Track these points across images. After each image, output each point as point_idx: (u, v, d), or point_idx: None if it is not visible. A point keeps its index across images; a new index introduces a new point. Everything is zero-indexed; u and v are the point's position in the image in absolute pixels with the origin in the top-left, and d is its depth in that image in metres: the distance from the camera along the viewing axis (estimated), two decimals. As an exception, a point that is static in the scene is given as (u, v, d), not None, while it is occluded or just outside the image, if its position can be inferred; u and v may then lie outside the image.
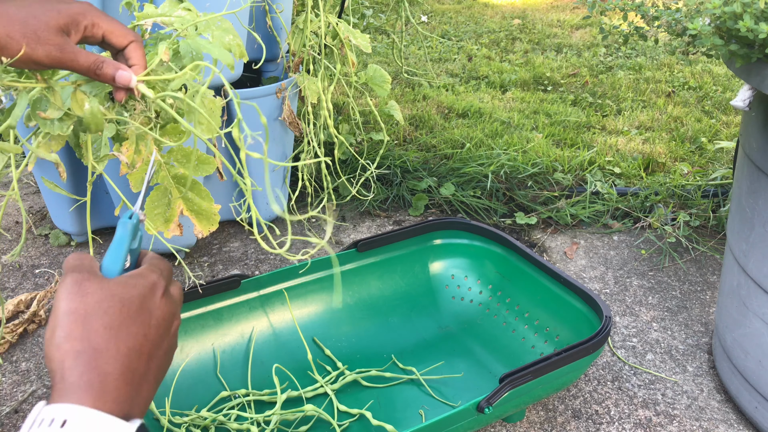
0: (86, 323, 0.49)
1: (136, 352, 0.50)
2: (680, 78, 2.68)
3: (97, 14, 0.64)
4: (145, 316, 0.52)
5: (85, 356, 0.48)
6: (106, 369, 0.48)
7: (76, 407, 0.45)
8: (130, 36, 0.66)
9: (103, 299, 0.51)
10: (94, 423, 0.45)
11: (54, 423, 0.44)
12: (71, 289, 0.51)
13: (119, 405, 0.47)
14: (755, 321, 1.02)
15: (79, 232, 1.53)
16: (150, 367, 0.52)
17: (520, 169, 1.83)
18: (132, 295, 0.52)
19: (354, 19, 1.95)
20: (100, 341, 0.49)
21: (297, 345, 1.17)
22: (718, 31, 0.90)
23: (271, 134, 1.49)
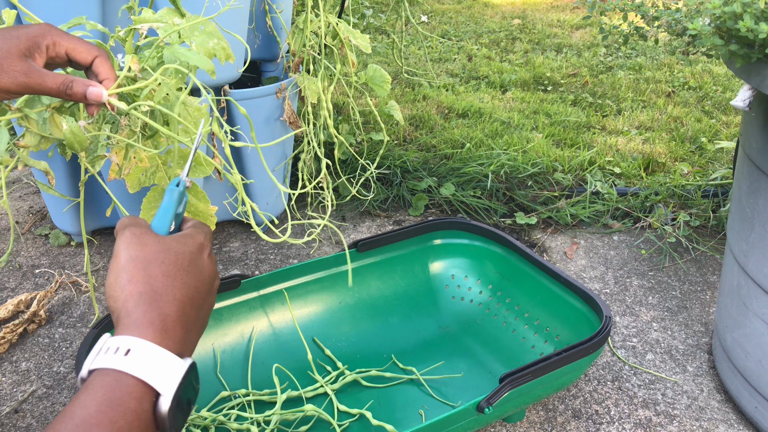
0: (147, 269, 0.54)
1: (189, 299, 0.55)
2: (680, 78, 2.68)
3: (57, 33, 0.64)
4: (195, 270, 0.57)
5: (147, 297, 0.53)
6: (165, 310, 0.53)
7: (139, 340, 0.50)
8: (94, 51, 0.66)
9: (161, 251, 0.56)
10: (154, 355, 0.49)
11: (119, 351, 0.49)
12: (132, 240, 0.56)
13: (175, 344, 0.52)
14: (755, 321, 1.02)
15: (79, 231, 1.53)
16: (199, 316, 0.57)
17: (520, 169, 1.83)
18: (184, 251, 0.58)
19: (354, 19, 1.95)
20: (159, 286, 0.54)
21: (297, 345, 1.17)
22: (718, 31, 0.90)
23: (271, 134, 1.49)
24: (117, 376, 0.48)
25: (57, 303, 1.38)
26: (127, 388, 0.48)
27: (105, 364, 0.49)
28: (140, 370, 0.48)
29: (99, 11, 1.19)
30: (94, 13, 1.18)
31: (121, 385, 0.48)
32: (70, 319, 1.33)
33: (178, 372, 0.50)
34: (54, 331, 1.30)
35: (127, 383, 0.48)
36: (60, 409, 1.12)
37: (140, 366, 0.48)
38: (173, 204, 0.64)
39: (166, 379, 0.49)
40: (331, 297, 1.24)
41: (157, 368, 0.49)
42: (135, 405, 0.47)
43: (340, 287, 1.25)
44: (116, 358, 0.49)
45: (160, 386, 0.49)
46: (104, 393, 0.47)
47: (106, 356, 0.49)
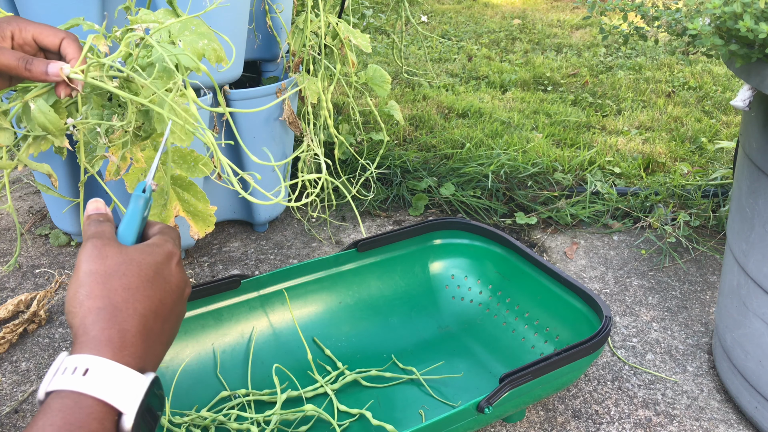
0: (106, 283, 0.53)
1: (152, 313, 0.54)
2: (680, 78, 2.68)
3: (23, 20, 0.64)
4: (160, 281, 0.56)
5: (106, 313, 0.51)
6: (125, 326, 0.51)
7: (97, 358, 0.48)
8: (61, 34, 0.65)
9: (122, 262, 0.54)
10: (113, 373, 0.48)
11: (77, 371, 0.47)
12: (92, 253, 0.55)
13: (135, 359, 0.51)
14: (755, 321, 1.02)
15: (79, 231, 1.53)
16: (164, 329, 0.55)
17: (520, 169, 1.83)
18: (149, 262, 0.56)
19: (354, 19, 1.95)
20: (119, 300, 0.52)
21: (297, 345, 1.17)
22: (718, 31, 0.90)
23: (271, 134, 1.49)
24: (76, 398, 0.46)
25: (57, 303, 1.38)
26: (87, 409, 0.46)
27: (63, 385, 0.47)
28: (100, 391, 0.47)
29: (99, 12, 1.19)
30: (94, 14, 1.18)
31: (81, 407, 0.46)
32: (70, 319, 1.33)
33: (140, 389, 0.49)
34: (54, 331, 1.30)
35: (86, 405, 0.46)
36: (60, 409, 1.12)
37: (100, 386, 0.47)
38: (140, 211, 0.61)
39: (128, 398, 0.48)
40: (331, 297, 1.24)
41: (118, 387, 0.48)
42: (96, 426, 0.46)
43: (340, 287, 1.25)
44: (74, 378, 0.47)
45: (121, 405, 0.47)
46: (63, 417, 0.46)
47: (63, 377, 0.48)
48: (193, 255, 1.55)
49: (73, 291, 0.53)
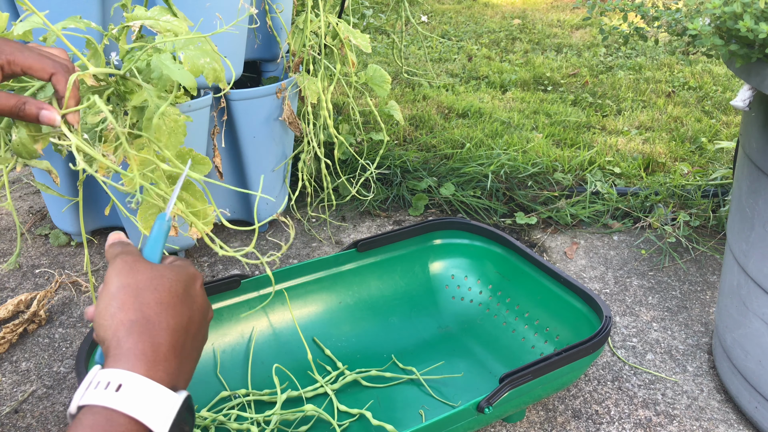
0: (139, 296, 0.52)
1: (183, 329, 0.53)
2: (680, 78, 2.68)
3: (12, 51, 0.62)
4: (189, 300, 0.56)
5: (139, 326, 0.51)
6: (158, 340, 0.51)
7: (130, 374, 0.48)
8: (49, 68, 0.64)
9: (154, 277, 0.54)
10: (147, 390, 0.47)
11: (110, 386, 0.47)
12: (123, 267, 0.55)
13: (169, 376, 0.50)
14: (755, 321, 1.02)
15: (79, 231, 1.53)
16: (193, 346, 0.55)
17: (520, 169, 1.83)
18: (179, 279, 0.56)
19: (354, 19, 1.95)
20: (151, 313, 0.52)
21: (297, 345, 1.17)
22: (718, 31, 0.90)
23: (271, 134, 1.49)
24: (108, 415, 0.46)
25: (57, 303, 1.38)
26: (119, 427, 0.46)
27: (95, 400, 0.47)
28: (132, 408, 0.46)
29: (98, 9, 1.19)
30: (94, 11, 1.18)
31: (113, 424, 0.46)
32: (70, 319, 1.33)
33: (173, 408, 0.48)
34: (54, 331, 1.30)
35: (118, 422, 0.46)
36: (60, 408, 1.12)
37: (132, 403, 0.46)
38: (164, 234, 0.62)
39: (160, 417, 0.47)
40: (331, 297, 1.24)
41: (150, 405, 0.47)
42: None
43: (340, 287, 1.25)
44: (107, 394, 0.47)
45: (153, 424, 0.47)
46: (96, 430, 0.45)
47: (96, 392, 0.47)
48: (193, 255, 1.55)
49: (105, 304, 0.52)
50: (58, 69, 0.64)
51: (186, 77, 0.74)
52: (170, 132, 0.78)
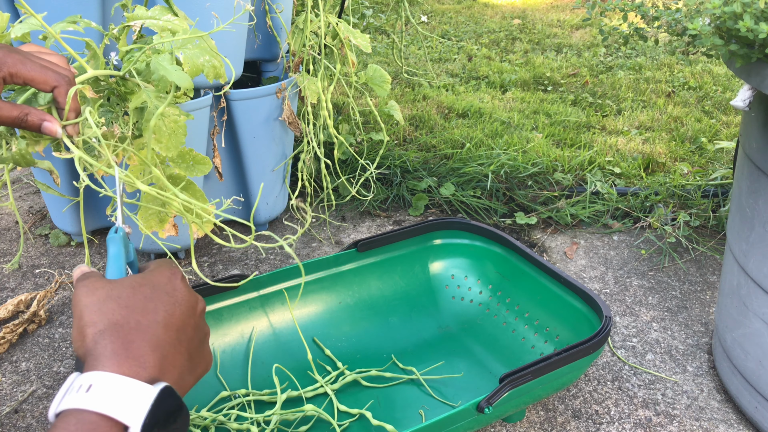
0: (102, 308, 0.53)
1: (159, 324, 0.53)
2: (680, 78, 2.68)
3: (14, 63, 0.62)
4: (163, 296, 0.56)
5: (108, 332, 0.51)
6: (129, 338, 0.51)
7: (100, 373, 0.48)
8: (52, 81, 0.64)
9: (113, 289, 0.55)
10: (116, 385, 0.47)
11: (81, 389, 0.47)
12: (83, 291, 0.55)
13: (146, 370, 0.50)
14: (755, 321, 1.02)
15: (79, 231, 1.53)
16: (180, 339, 0.54)
17: (520, 169, 1.83)
18: (143, 283, 0.56)
19: (354, 19, 1.95)
20: (118, 318, 0.52)
21: (297, 345, 1.17)
22: (718, 31, 0.90)
23: (271, 134, 1.49)
24: (78, 416, 0.45)
25: (57, 303, 1.38)
26: (90, 426, 0.45)
27: (68, 404, 0.47)
28: (101, 405, 0.46)
29: (98, 9, 1.19)
30: (94, 11, 1.18)
31: (83, 423, 0.45)
32: (70, 319, 1.33)
33: (146, 399, 0.47)
34: (54, 331, 1.30)
35: (89, 421, 0.45)
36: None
37: (101, 400, 0.46)
38: (121, 251, 0.62)
39: (131, 409, 0.46)
40: (331, 297, 1.24)
41: (121, 399, 0.46)
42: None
43: (340, 287, 1.25)
44: (78, 396, 0.46)
45: (124, 418, 0.46)
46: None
47: (69, 397, 0.47)
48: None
49: (76, 328, 0.53)
50: (60, 82, 0.65)
51: (182, 78, 0.74)
52: (171, 133, 0.78)
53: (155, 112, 0.75)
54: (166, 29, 0.80)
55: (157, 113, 0.74)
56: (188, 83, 0.75)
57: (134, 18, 0.80)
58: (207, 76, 0.80)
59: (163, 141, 0.78)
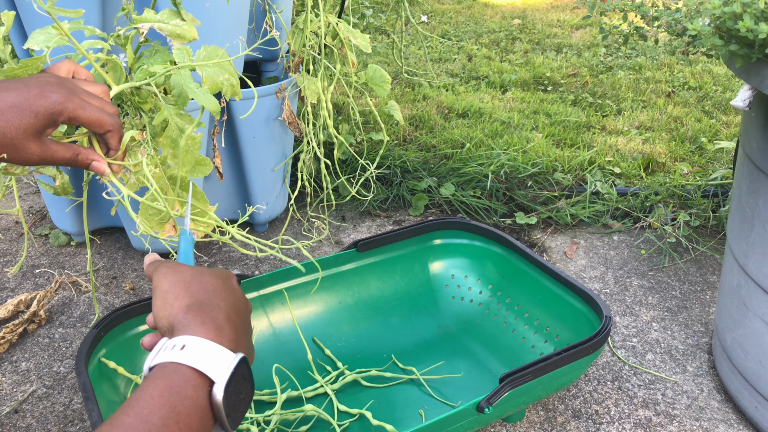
0: (188, 287, 0.60)
1: (232, 309, 0.60)
2: (680, 78, 2.68)
3: (74, 108, 0.65)
4: (229, 290, 0.62)
5: (194, 307, 0.57)
6: (213, 314, 0.58)
7: (193, 337, 0.54)
8: (107, 125, 0.69)
9: (196, 273, 0.62)
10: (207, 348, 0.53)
11: (175, 347, 0.53)
12: (168, 270, 0.62)
13: (229, 342, 0.56)
14: (755, 321, 1.02)
15: (79, 231, 1.53)
16: (244, 327, 0.61)
17: (520, 169, 1.83)
18: (216, 274, 0.63)
19: (354, 19, 1.95)
20: (202, 298, 0.59)
21: (297, 345, 1.17)
22: (718, 31, 0.90)
23: (271, 134, 1.49)
24: (174, 367, 0.52)
25: (57, 303, 1.38)
26: (184, 376, 0.51)
27: (163, 359, 0.53)
28: (195, 361, 0.52)
29: (99, 13, 1.19)
30: (94, 15, 1.18)
31: (179, 374, 0.51)
32: (70, 319, 1.33)
33: (230, 363, 0.53)
34: (54, 331, 1.30)
35: (183, 372, 0.51)
36: (60, 408, 1.12)
37: (194, 357, 0.52)
38: (190, 245, 0.70)
39: (219, 369, 0.52)
40: (331, 297, 1.24)
41: (210, 359, 0.53)
42: (192, 392, 0.51)
43: (340, 287, 1.25)
44: (173, 353, 0.53)
45: (213, 374, 0.52)
46: (164, 381, 0.51)
47: (164, 353, 0.53)
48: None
49: (161, 301, 0.59)
50: (114, 127, 0.70)
51: (210, 102, 0.77)
52: (187, 149, 0.81)
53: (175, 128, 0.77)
54: (175, 34, 0.80)
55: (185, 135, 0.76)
56: (216, 106, 0.77)
57: (142, 20, 0.80)
58: (225, 94, 0.82)
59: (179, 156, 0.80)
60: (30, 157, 0.65)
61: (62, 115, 0.65)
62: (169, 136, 0.80)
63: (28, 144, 0.64)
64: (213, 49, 0.81)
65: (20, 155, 0.64)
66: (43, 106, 0.63)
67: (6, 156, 0.63)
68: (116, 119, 0.70)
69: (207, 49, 0.81)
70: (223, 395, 0.52)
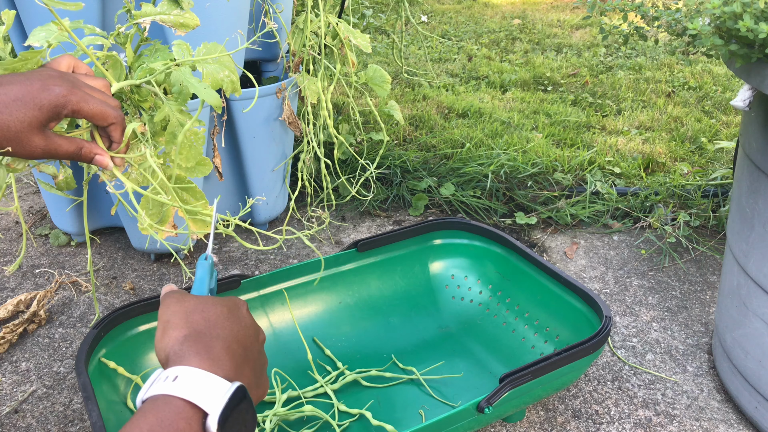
0: (188, 317, 0.59)
1: (233, 338, 0.59)
2: (680, 78, 2.68)
3: (78, 101, 0.66)
4: (235, 319, 0.62)
5: (191, 337, 0.57)
6: (210, 344, 0.57)
7: (186, 367, 0.54)
8: (110, 119, 0.69)
9: (199, 303, 0.62)
10: (200, 378, 0.53)
11: (167, 379, 0.52)
12: (172, 300, 0.62)
13: (223, 370, 0.55)
14: (755, 321, 1.02)
15: (79, 231, 1.53)
16: (248, 357, 0.60)
17: (520, 169, 1.83)
18: (221, 305, 0.63)
19: (354, 19, 1.95)
20: (201, 328, 0.58)
21: (297, 345, 1.17)
22: (718, 31, 0.90)
23: (271, 134, 1.49)
24: (165, 399, 0.51)
25: (57, 303, 1.38)
26: (176, 409, 0.50)
27: (155, 391, 0.52)
28: (186, 392, 0.51)
29: (98, 10, 1.19)
30: (94, 14, 1.18)
31: (170, 406, 0.50)
32: (70, 319, 1.33)
33: (224, 392, 0.52)
34: (54, 331, 1.30)
35: (175, 404, 0.50)
36: (60, 408, 1.12)
37: (186, 388, 0.51)
38: (206, 277, 0.71)
39: (211, 399, 0.51)
40: (331, 297, 1.24)
41: (203, 389, 0.52)
42: (184, 425, 0.50)
43: (340, 287, 1.25)
44: (165, 384, 0.52)
45: (206, 405, 0.51)
46: (154, 414, 0.50)
47: (156, 385, 0.52)
48: (193, 255, 1.55)
49: (161, 331, 0.59)
50: (117, 119, 0.70)
51: (213, 97, 0.76)
52: (190, 145, 0.81)
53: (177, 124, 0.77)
54: (178, 24, 0.80)
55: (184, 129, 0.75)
56: (218, 100, 0.76)
57: (143, 15, 0.80)
58: (225, 90, 0.82)
59: (183, 153, 0.80)
60: (34, 151, 0.65)
61: (66, 108, 0.65)
62: (171, 133, 0.80)
63: (32, 137, 0.63)
64: (212, 45, 0.81)
65: (24, 149, 0.64)
66: (47, 99, 0.63)
67: (10, 149, 0.63)
68: (119, 112, 0.70)
69: (207, 46, 0.81)
70: (218, 427, 0.50)
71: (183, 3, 0.82)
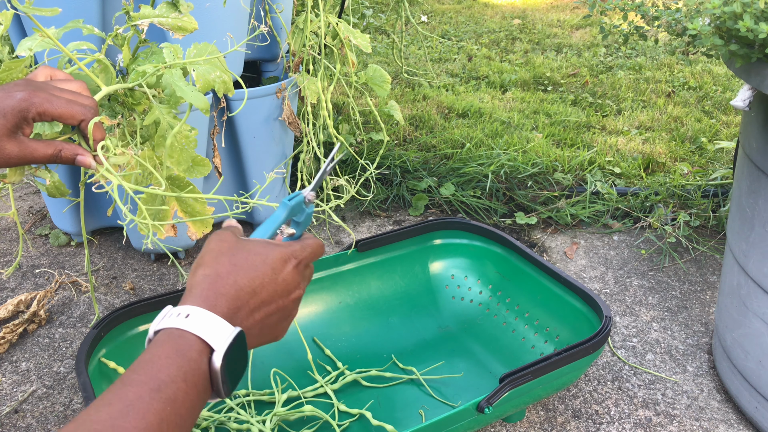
0: (217, 258, 0.62)
1: (249, 289, 0.61)
2: (680, 78, 2.67)
3: (41, 102, 0.66)
4: (267, 271, 0.62)
5: (210, 278, 0.60)
6: (222, 291, 0.59)
7: (196, 308, 0.57)
8: (79, 116, 0.70)
9: (235, 246, 0.63)
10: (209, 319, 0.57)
11: (180, 315, 0.56)
12: (215, 239, 0.65)
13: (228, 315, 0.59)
14: (755, 321, 1.02)
15: (79, 231, 1.53)
16: (260, 309, 0.62)
17: (520, 169, 1.83)
18: (260, 252, 0.63)
19: (354, 19, 1.95)
20: (222, 270, 0.61)
21: (297, 345, 1.17)
22: (718, 31, 0.90)
23: (271, 134, 1.49)
24: (180, 333, 0.55)
25: (57, 303, 1.38)
26: (189, 341, 0.55)
27: (170, 324, 0.56)
28: (199, 329, 0.55)
29: (98, 11, 1.19)
30: (94, 14, 1.18)
31: (184, 339, 0.55)
32: (70, 319, 1.33)
33: (229, 335, 0.57)
34: (54, 331, 1.30)
35: (188, 338, 0.55)
36: (60, 408, 1.12)
37: (198, 326, 0.56)
38: (279, 218, 0.69)
39: (219, 339, 0.56)
40: (331, 297, 1.24)
41: (211, 329, 0.56)
42: (196, 356, 0.54)
43: (340, 287, 1.25)
44: (179, 320, 0.56)
45: (214, 342, 0.55)
46: (171, 343, 0.54)
47: (170, 319, 0.57)
48: (192, 255, 1.55)
49: (195, 264, 0.63)
50: (87, 115, 0.70)
51: (199, 99, 0.76)
52: (181, 148, 0.81)
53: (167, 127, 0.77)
54: (176, 27, 0.80)
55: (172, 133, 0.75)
56: (204, 103, 0.76)
57: (141, 17, 0.80)
58: (218, 91, 0.82)
59: (174, 156, 0.80)
60: (9, 157, 0.66)
61: (30, 111, 0.66)
62: (162, 136, 0.80)
63: (4, 145, 0.65)
64: (203, 46, 0.81)
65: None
66: (10, 105, 0.65)
67: None
68: (89, 110, 0.70)
69: (197, 47, 0.81)
70: (221, 363, 0.55)
71: (181, 6, 0.82)
